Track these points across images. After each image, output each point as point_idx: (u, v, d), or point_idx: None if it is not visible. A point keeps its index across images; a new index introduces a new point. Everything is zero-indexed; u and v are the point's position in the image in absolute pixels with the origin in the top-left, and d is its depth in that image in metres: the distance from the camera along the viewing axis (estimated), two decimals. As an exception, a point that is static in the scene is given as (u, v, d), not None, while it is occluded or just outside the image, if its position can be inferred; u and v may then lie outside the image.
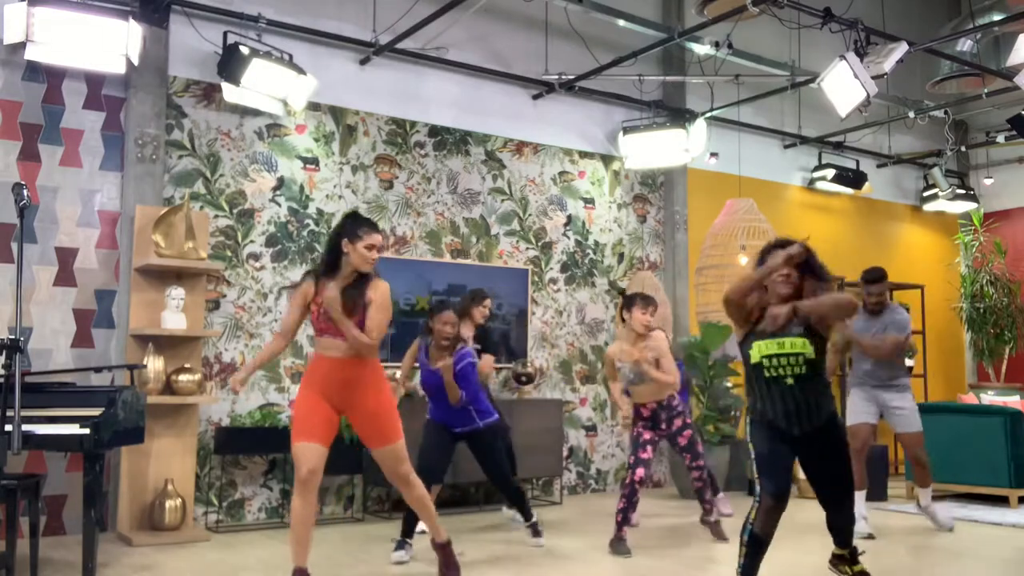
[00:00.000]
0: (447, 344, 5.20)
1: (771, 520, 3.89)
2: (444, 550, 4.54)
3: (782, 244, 3.96)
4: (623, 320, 5.59)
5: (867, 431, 5.98)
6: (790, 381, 3.84)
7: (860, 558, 4.27)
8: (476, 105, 7.66)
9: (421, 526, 4.90)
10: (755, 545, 3.91)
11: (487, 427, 5.30)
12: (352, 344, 4.03)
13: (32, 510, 4.37)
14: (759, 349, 3.87)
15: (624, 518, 5.29)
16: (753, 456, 3.95)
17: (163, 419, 5.76)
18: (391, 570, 4.86)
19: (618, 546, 5.26)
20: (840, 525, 4.17)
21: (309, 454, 4.01)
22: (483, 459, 5.35)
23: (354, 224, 4.14)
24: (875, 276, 5.99)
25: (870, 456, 6.32)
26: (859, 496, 5.98)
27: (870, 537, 5.65)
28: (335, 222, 6.76)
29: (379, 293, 4.10)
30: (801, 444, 3.95)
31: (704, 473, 5.64)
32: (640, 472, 5.31)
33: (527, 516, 5.49)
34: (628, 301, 5.58)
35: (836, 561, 4.35)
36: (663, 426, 5.51)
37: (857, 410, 6.00)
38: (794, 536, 5.69)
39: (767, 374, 3.87)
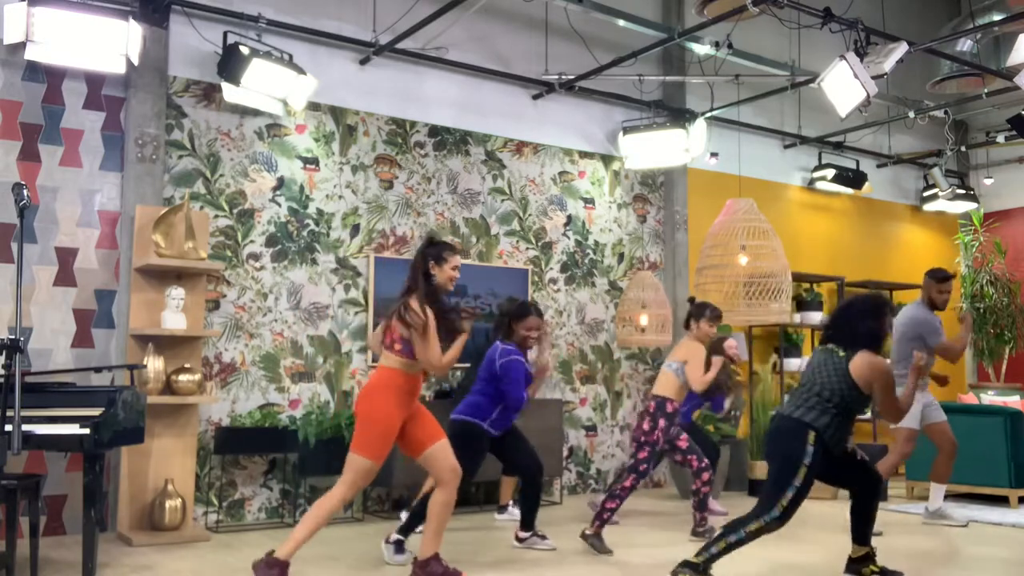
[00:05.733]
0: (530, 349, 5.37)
1: (761, 537, 4.11)
2: (425, 567, 4.35)
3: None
4: (687, 327, 5.65)
5: (913, 436, 6.17)
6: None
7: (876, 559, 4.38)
8: (476, 105, 7.66)
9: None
10: (736, 546, 4.10)
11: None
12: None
13: (32, 510, 4.37)
14: None
15: (611, 516, 5.31)
16: (798, 484, 4.07)
17: (163, 419, 5.76)
18: (391, 570, 4.86)
19: (598, 543, 5.23)
20: (865, 514, 4.39)
21: (375, 476, 4.30)
22: (520, 449, 5.43)
23: (438, 248, 4.38)
24: (947, 275, 6.25)
25: (871, 457, 6.35)
26: None
27: (878, 533, 5.69)
28: (335, 223, 6.83)
29: None
30: (829, 462, 4.23)
31: (712, 474, 5.67)
32: (642, 472, 5.37)
33: (529, 525, 5.44)
34: (698, 311, 5.62)
35: (857, 564, 4.39)
36: (671, 430, 5.58)
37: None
38: (793, 536, 5.69)
39: (857, 410, 4.28)
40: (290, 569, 4.10)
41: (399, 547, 5.00)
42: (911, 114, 8.93)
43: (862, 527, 4.39)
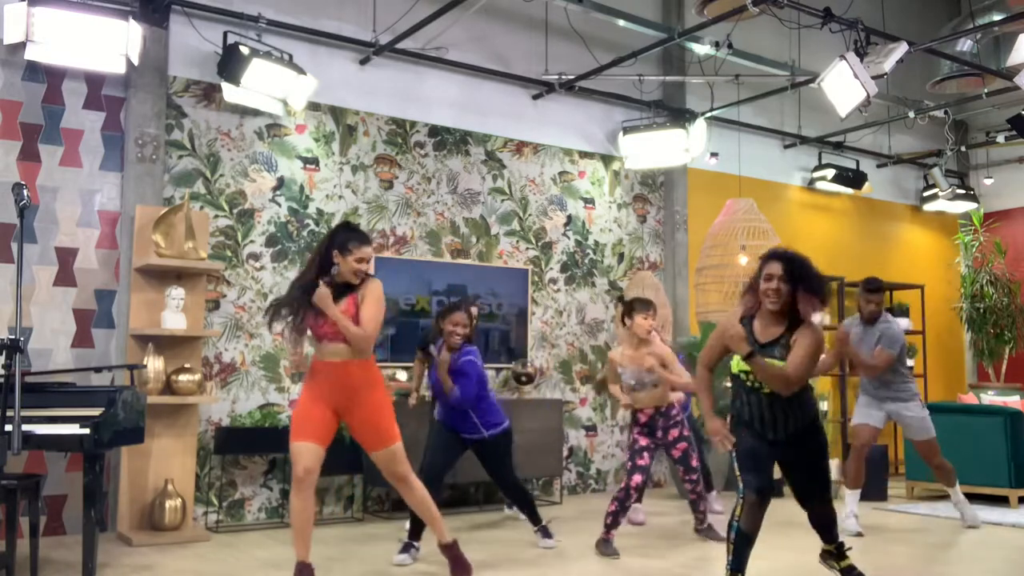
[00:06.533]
0: (458, 345, 5.20)
1: (756, 516, 3.98)
2: (450, 550, 4.53)
3: (774, 255, 4.08)
4: (624, 325, 5.56)
5: (868, 432, 6.08)
6: (766, 391, 3.98)
7: (848, 553, 4.32)
8: (476, 105, 7.66)
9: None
10: (742, 541, 4.01)
11: (492, 438, 5.25)
12: (350, 339, 4.06)
13: (32, 510, 4.37)
14: (737, 362, 4.03)
15: (614, 521, 5.27)
16: (735, 453, 4.03)
17: (163, 419, 5.76)
18: (391, 571, 4.86)
19: (605, 547, 5.24)
20: (819, 523, 4.27)
21: (306, 453, 4.12)
22: (490, 468, 5.37)
23: (345, 237, 4.16)
24: (876, 286, 6.11)
25: (869, 456, 6.35)
26: (853, 495, 6.03)
27: (859, 535, 5.71)
28: (335, 222, 6.82)
29: (370, 288, 4.16)
30: (779, 446, 4.07)
31: (697, 486, 5.63)
32: (637, 479, 5.30)
33: (535, 520, 5.47)
34: (628, 307, 5.54)
35: (825, 556, 4.40)
36: (659, 434, 5.47)
37: (861, 411, 6.12)
38: (792, 536, 5.70)
39: (746, 384, 4.04)
40: (297, 566, 4.23)
41: (405, 548, 5.00)
42: (911, 114, 8.93)
43: (820, 532, 4.34)
